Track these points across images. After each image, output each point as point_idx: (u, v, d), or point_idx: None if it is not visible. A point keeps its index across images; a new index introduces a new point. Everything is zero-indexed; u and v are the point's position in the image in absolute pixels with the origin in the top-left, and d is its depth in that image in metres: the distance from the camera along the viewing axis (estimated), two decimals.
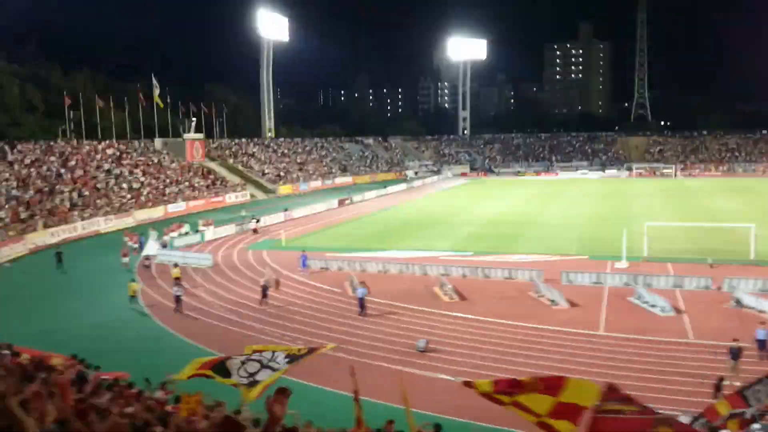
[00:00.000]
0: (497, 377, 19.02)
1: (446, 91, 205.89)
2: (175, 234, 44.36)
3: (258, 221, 48.71)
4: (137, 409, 9.32)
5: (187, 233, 44.56)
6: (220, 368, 8.83)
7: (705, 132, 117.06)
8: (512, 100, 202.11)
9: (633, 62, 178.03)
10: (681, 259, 34.15)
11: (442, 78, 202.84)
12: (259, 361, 8.69)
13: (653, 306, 25.81)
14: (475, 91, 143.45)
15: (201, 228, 46.49)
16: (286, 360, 8.75)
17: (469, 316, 25.60)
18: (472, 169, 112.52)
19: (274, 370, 8.67)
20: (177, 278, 30.54)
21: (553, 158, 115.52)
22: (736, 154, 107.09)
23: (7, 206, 44.37)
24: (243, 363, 8.66)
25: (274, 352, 8.79)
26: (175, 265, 33.01)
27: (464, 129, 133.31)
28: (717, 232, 39.77)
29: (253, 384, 8.53)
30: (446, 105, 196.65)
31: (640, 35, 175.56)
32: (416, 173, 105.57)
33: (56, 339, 22.61)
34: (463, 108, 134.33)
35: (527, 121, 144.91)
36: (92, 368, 16.84)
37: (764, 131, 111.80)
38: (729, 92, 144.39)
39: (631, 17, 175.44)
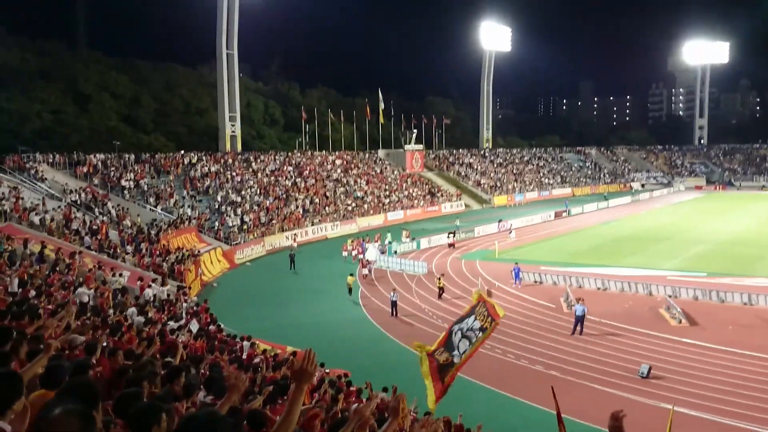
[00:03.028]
0: (727, 411, 17.07)
1: (681, 97, 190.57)
2: (375, 244, 43.60)
3: (454, 235, 48.31)
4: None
5: (390, 242, 45.45)
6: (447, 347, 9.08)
7: None
8: (758, 107, 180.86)
9: None
10: None
11: (677, 84, 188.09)
12: (461, 329, 8.88)
13: None
14: (714, 97, 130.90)
15: (404, 239, 47.13)
16: (480, 331, 8.83)
17: (700, 343, 23.24)
18: (709, 182, 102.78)
19: (471, 341, 8.79)
20: (441, 288, 31.31)
21: None
22: None
23: (251, 211, 49.48)
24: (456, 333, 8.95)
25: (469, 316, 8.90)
26: (441, 276, 32.88)
27: (701, 138, 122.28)
28: None
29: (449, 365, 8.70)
30: (680, 113, 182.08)
31: None
32: (643, 185, 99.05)
33: (287, 333, 24.64)
34: (701, 115, 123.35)
35: None
36: (318, 364, 18.06)
37: None
38: None
39: None
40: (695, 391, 18.83)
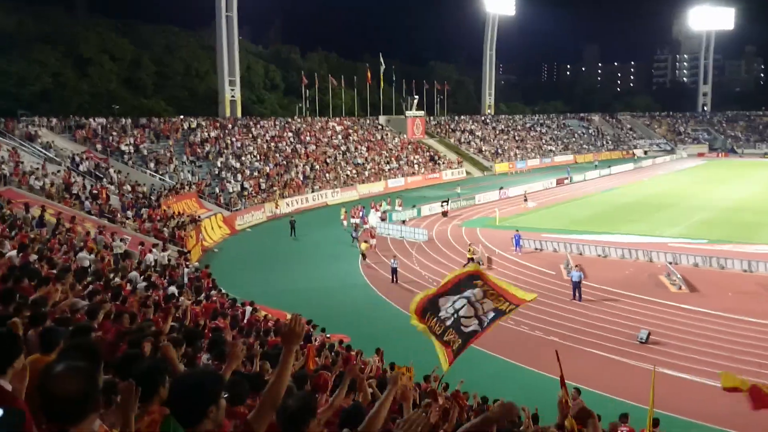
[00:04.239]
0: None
1: (685, 64, 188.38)
2: (356, 220, 41.37)
3: (448, 203, 48.06)
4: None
5: (384, 210, 44.94)
6: (432, 306, 8.87)
7: None
8: (762, 74, 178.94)
9: None
10: None
11: (681, 50, 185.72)
12: (471, 304, 8.60)
13: None
14: (718, 63, 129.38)
15: (396, 208, 46.33)
16: (493, 315, 8.64)
17: (700, 309, 23.37)
18: (712, 149, 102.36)
19: (481, 324, 8.60)
20: (471, 258, 29.98)
21: None
22: None
23: (251, 177, 49.34)
24: (453, 303, 8.67)
25: (483, 297, 8.66)
26: (471, 245, 32.35)
27: (704, 105, 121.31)
28: None
29: (453, 338, 8.49)
30: (684, 79, 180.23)
31: None
32: (646, 152, 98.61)
33: (288, 299, 24.75)
34: (705, 82, 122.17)
35: None
36: (319, 329, 18.23)
37: None
38: None
39: None
40: (694, 357, 18.98)
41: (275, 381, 3.36)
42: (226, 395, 3.10)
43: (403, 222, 42.54)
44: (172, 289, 16.86)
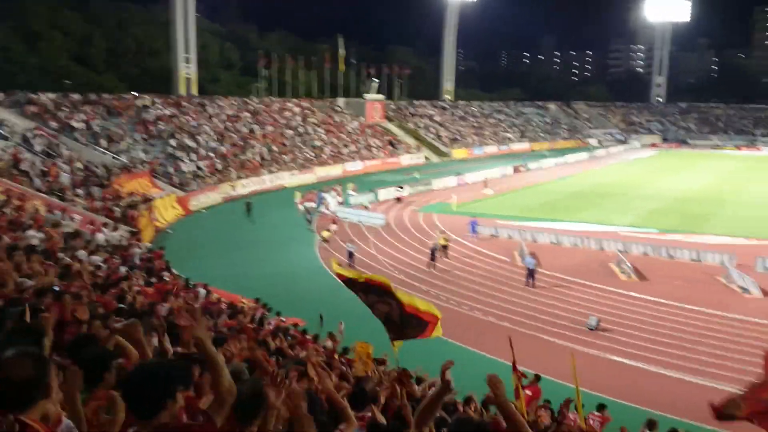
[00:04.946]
0: (670, 363, 17.75)
1: (640, 54, 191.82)
2: (311, 204, 41.32)
3: (402, 189, 48.16)
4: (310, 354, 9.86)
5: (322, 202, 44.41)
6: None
7: None
8: (714, 67, 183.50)
9: None
10: None
11: (637, 41, 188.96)
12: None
13: None
14: (672, 55, 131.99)
15: (350, 193, 45.93)
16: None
17: (648, 297, 24.02)
18: (664, 139, 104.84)
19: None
20: (444, 245, 29.95)
21: (758, 132, 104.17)
22: None
23: (206, 158, 48.50)
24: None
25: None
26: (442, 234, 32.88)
27: (658, 96, 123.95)
28: None
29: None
30: (639, 70, 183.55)
31: None
32: (600, 142, 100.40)
33: (242, 283, 24.49)
34: (659, 73, 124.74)
35: (730, 91, 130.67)
36: (273, 313, 18.14)
37: None
38: None
39: None
40: (642, 344, 19.51)
41: (212, 371, 3.37)
42: (182, 388, 3.04)
43: (365, 207, 42.50)
44: (123, 269, 16.54)
